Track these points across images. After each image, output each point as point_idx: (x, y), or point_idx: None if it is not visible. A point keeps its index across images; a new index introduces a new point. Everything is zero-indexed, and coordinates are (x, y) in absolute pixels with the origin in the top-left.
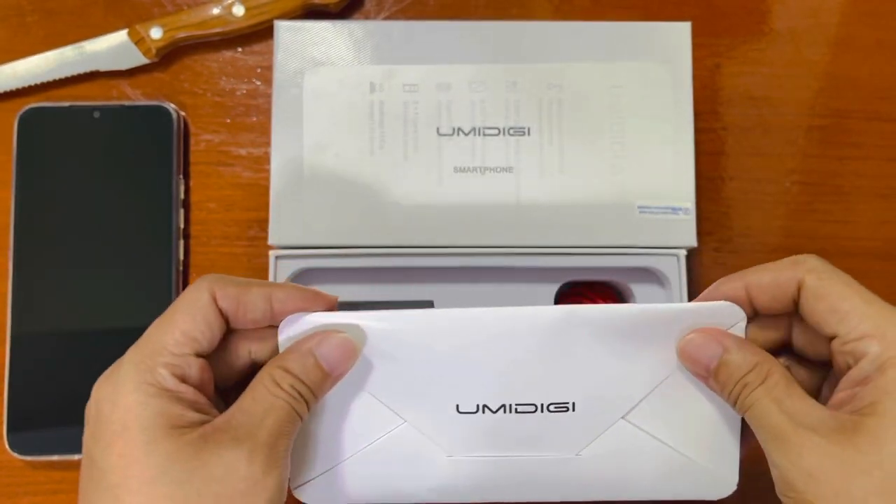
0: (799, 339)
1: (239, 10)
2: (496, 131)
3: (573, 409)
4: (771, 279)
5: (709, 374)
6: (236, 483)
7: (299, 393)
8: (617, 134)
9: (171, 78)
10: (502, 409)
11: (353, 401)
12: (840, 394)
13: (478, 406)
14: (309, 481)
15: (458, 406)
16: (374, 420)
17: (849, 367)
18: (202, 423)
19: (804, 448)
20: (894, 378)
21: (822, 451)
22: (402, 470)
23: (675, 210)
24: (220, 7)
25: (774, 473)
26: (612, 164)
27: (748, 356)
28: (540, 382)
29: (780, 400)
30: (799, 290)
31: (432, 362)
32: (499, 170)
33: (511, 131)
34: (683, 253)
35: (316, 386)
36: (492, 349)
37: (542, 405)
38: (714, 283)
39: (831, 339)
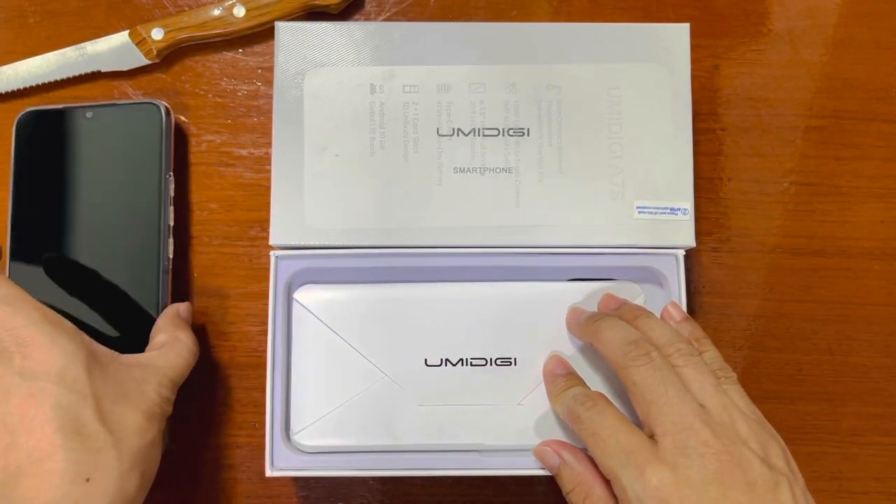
0: None
1: (240, 12)
2: (496, 132)
3: (515, 364)
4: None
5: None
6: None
7: None
8: (616, 134)
9: (173, 79)
10: (460, 363)
11: (343, 358)
12: None
13: (441, 359)
14: (304, 428)
15: (426, 360)
16: (359, 374)
17: None
18: None
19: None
20: None
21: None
22: (382, 417)
23: (673, 210)
24: (221, 8)
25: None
26: (610, 164)
27: (574, 475)
28: (490, 342)
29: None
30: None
31: (408, 326)
32: (498, 170)
33: (510, 132)
34: (682, 253)
35: None
36: (453, 315)
37: (490, 359)
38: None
39: None
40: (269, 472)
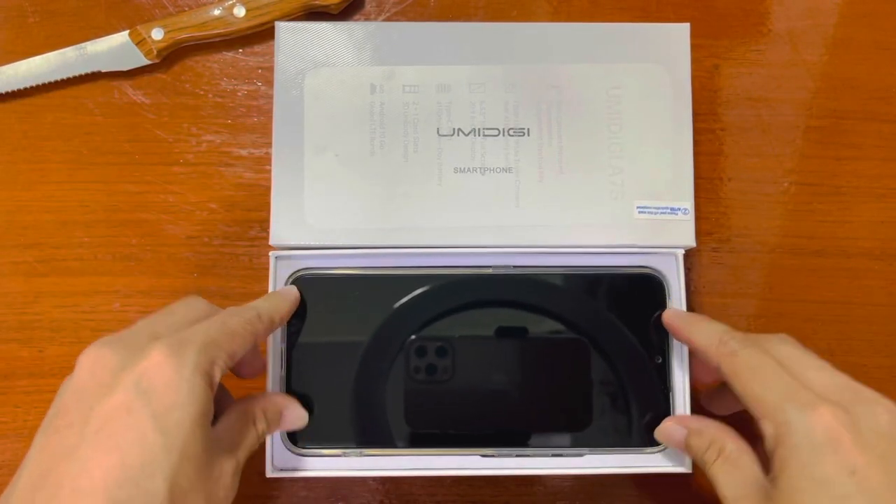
0: None
1: (240, 12)
2: (496, 132)
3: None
4: (701, 349)
5: (683, 450)
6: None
7: None
8: (616, 134)
9: (173, 79)
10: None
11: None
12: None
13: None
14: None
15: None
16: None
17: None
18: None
19: None
20: (784, 457)
21: None
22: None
23: (673, 210)
24: (221, 8)
25: None
26: (610, 164)
27: (703, 437)
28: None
29: (729, 472)
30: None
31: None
32: (499, 170)
33: (510, 132)
34: (682, 252)
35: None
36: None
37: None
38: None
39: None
40: (269, 473)
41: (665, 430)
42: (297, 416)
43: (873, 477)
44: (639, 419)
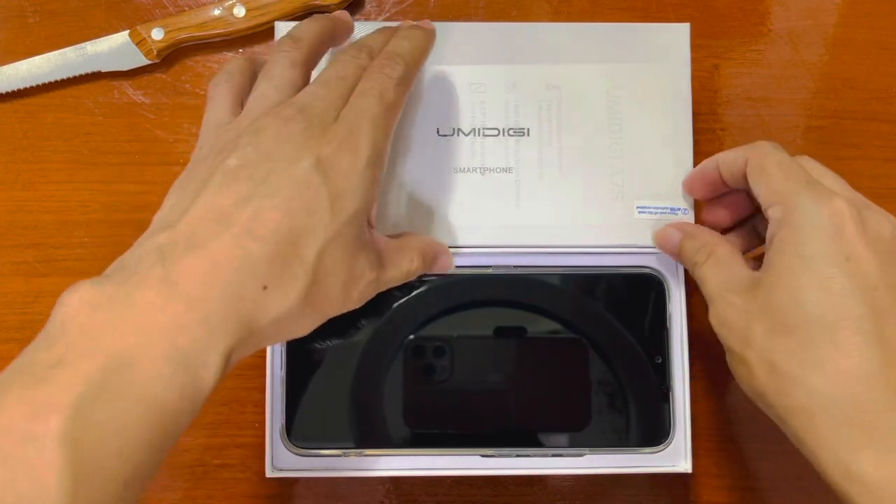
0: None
1: (240, 12)
2: (496, 132)
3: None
4: (730, 155)
5: (677, 254)
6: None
7: None
8: (616, 134)
9: (173, 79)
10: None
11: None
12: (764, 256)
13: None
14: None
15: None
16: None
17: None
18: None
19: (722, 305)
20: (784, 237)
21: (733, 307)
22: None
23: (673, 210)
24: (221, 8)
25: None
26: (611, 164)
27: (696, 240)
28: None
29: (718, 271)
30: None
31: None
32: (499, 170)
33: (511, 132)
34: None
35: None
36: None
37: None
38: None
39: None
40: (269, 472)
41: (663, 234)
42: (448, 262)
43: (867, 269)
44: (638, 419)
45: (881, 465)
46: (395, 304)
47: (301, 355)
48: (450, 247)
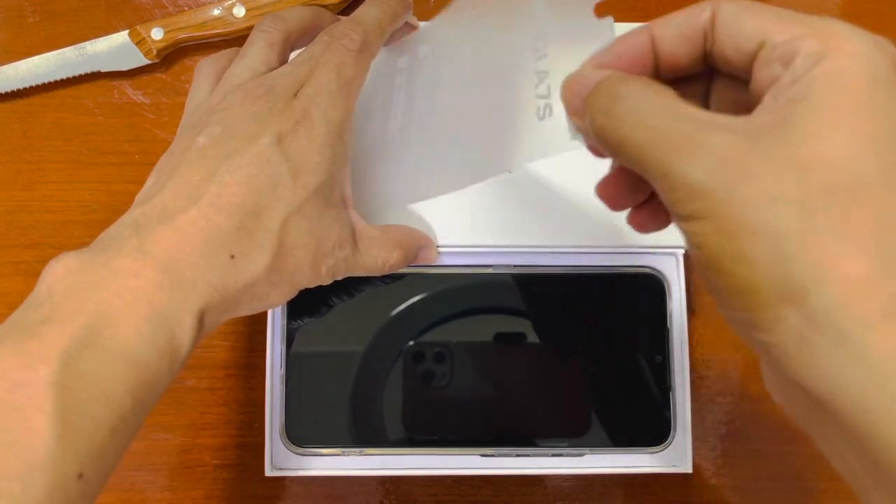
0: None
1: (240, 12)
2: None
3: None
4: (680, 16)
5: (584, 110)
6: None
7: None
8: None
9: (172, 78)
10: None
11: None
12: (761, 104)
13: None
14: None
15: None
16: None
17: (774, 79)
18: None
19: (713, 144)
20: (835, 67)
21: (740, 146)
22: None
23: None
24: (221, 8)
25: (665, 199)
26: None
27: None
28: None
29: (671, 108)
30: (713, 19)
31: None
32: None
33: None
34: (682, 253)
35: None
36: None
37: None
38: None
39: (755, 53)
40: (268, 471)
41: (568, 84)
42: (432, 256)
43: None
44: (639, 419)
45: None
46: (396, 305)
47: (301, 356)
48: (449, 246)
